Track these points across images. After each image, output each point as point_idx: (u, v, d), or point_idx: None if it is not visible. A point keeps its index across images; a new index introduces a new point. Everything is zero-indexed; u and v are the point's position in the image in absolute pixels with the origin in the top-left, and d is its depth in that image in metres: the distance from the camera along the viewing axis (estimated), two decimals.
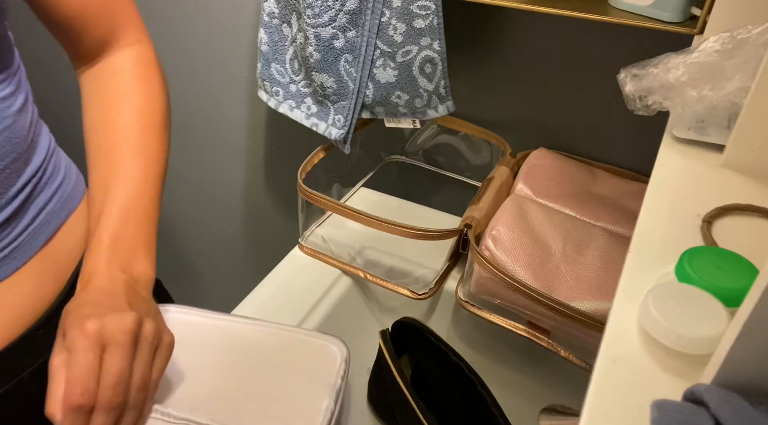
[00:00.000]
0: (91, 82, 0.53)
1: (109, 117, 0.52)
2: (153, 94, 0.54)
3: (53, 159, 0.53)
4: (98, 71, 0.53)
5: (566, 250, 0.70)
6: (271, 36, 0.84)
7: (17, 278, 0.49)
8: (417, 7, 0.72)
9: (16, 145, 0.47)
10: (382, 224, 0.73)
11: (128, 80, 0.53)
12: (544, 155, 0.85)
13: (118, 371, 0.40)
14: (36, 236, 0.50)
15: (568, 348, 0.69)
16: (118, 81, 0.53)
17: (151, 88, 0.54)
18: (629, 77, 0.49)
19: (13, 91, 0.48)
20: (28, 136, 0.49)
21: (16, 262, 0.48)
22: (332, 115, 0.84)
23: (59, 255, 0.52)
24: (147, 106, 0.53)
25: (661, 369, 0.31)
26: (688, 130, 0.50)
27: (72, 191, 0.55)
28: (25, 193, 0.49)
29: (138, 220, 0.50)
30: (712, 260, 0.35)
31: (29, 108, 0.51)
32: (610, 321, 0.34)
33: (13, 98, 0.48)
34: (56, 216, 0.52)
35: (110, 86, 0.53)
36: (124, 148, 0.51)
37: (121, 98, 0.52)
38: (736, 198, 0.43)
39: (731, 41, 0.46)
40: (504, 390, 0.82)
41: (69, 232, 0.53)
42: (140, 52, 0.55)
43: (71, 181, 0.55)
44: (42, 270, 0.51)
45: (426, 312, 0.88)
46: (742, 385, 0.25)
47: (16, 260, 0.48)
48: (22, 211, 0.48)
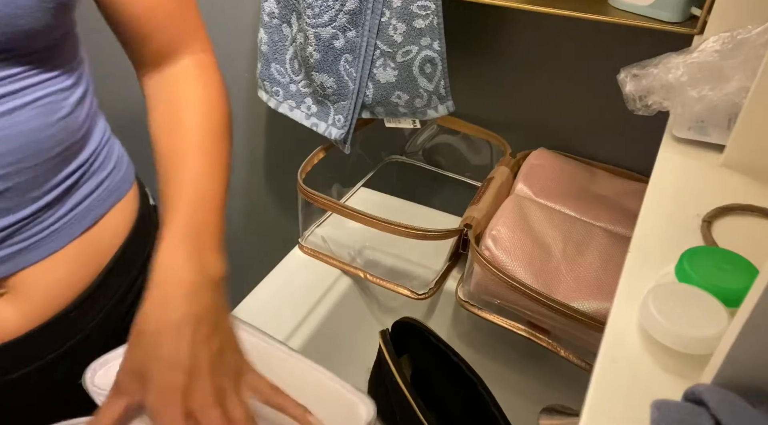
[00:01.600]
0: (156, 87, 0.55)
1: (176, 122, 0.54)
2: (215, 101, 0.56)
3: (105, 149, 0.55)
4: (163, 78, 0.55)
5: (566, 250, 0.70)
6: (271, 36, 0.84)
7: (54, 261, 0.50)
8: (417, 7, 0.72)
9: (70, 134, 0.49)
10: (382, 224, 0.73)
11: (193, 88, 0.55)
12: (544, 155, 0.85)
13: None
14: (77, 222, 0.52)
15: (568, 348, 0.69)
16: (183, 88, 0.55)
17: (213, 95, 0.56)
18: (629, 77, 0.49)
19: (72, 84, 0.50)
20: (83, 126, 0.51)
21: (55, 245, 0.50)
22: (332, 115, 0.84)
23: (99, 243, 0.54)
24: (210, 112, 0.55)
25: (661, 369, 0.31)
26: (688, 130, 0.50)
27: (120, 182, 0.56)
28: (73, 179, 0.51)
29: (209, 215, 0.50)
30: (712, 260, 0.35)
31: (87, 100, 0.53)
32: (610, 321, 0.34)
33: (72, 90, 0.50)
34: (101, 204, 0.54)
35: (176, 93, 0.55)
36: (191, 149, 0.53)
37: (187, 105, 0.54)
38: (736, 198, 0.43)
39: (731, 41, 0.46)
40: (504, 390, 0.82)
41: (112, 221, 0.55)
42: (204, 61, 0.57)
43: (120, 172, 0.57)
44: (79, 256, 0.52)
45: (426, 312, 0.88)
46: (742, 385, 0.25)
47: (55, 243, 0.50)
48: (68, 196, 0.51)
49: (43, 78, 0.47)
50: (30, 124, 0.46)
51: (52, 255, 0.50)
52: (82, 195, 0.52)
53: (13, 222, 0.46)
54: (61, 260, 0.51)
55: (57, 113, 0.48)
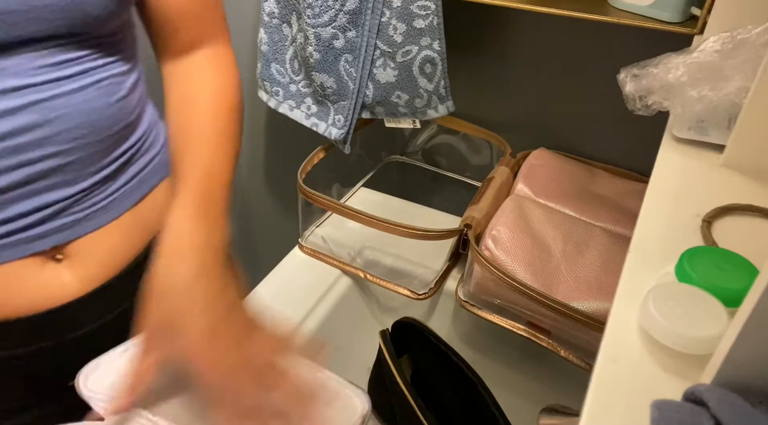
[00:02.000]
0: (174, 74, 0.60)
1: (190, 103, 0.59)
2: (228, 88, 0.60)
3: (154, 131, 0.61)
4: (182, 66, 0.60)
5: (566, 250, 0.70)
6: (271, 36, 0.84)
7: (108, 231, 0.55)
8: (417, 7, 0.72)
9: (126, 115, 0.54)
10: (382, 224, 0.73)
11: (209, 76, 0.60)
12: (544, 155, 0.85)
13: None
14: (129, 195, 0.57)
15: (568, 348, 0.69)
16: (199, 76, 0.60)
17: (226, 83, 0.60)
18: (629, 77, 0.49)
19: (129, 69, 0.55)
20: (136, 108, 0.56)
21: (109, 216, 0.55)
22: (332, 115, 0.84)
23: (149, 214, 0.59)
24: (222, 97, 0.59)
25: (661, 369, 0.31)
26: (688, 130, 0.50)
27: (166, 161, 0.61)
28: (127, 156, 0.56)
29: (216, 191, 0.54)
30: (712, 260, 0.35)
31: (140, 85, 0.58)
32: (610, 321, 0.34)
33: (129, 74, 0.55)
34: (150, 179, 0.59)
35: (193, 81, 0.59)
36: (203, 129, 0.57)
37: (201, 90, 0.59)
38: (736, 198, 0.43)
39: (731, 41, 0.46)
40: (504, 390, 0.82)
41: (158, 196, 0.60)
42: (224, 54, 0.62)
43: (167, 153, 0.62)
44: (132, 225, 0.57)
45: (426, 312, 0.88)
46: (742, 385, 0.25)
47: (109, 214, 0.55)
48: (121, 171, 0.55)
49: (105, 61, 0.52)
50: (92, 103, 0.50)
51: (106, 225, 0.55)
52: (134, 171, 0.57)
53: (73, 194, 0.51)
54: (114, 230, 0.55)
55: (115, 94, 0.53)
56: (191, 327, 0.45)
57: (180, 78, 0.60)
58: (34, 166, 0.47)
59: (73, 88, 0.49)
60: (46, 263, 0.51)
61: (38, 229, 0.50)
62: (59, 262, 0.52)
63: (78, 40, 0.48)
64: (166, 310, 0.46)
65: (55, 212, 0.50)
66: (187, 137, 0.57)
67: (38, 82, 0.46)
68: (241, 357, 0.46)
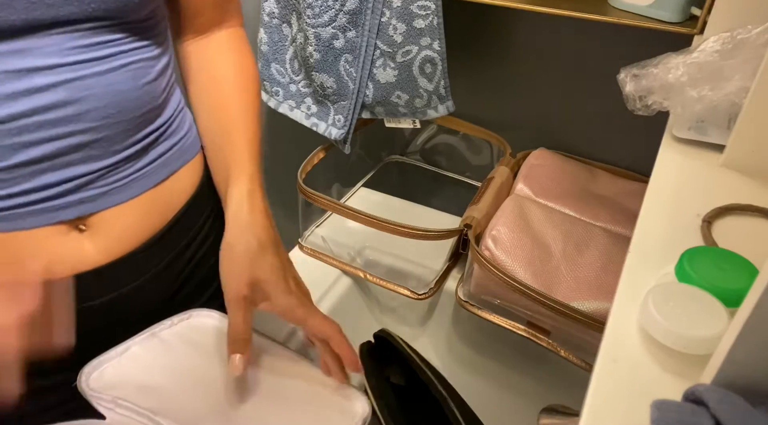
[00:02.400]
0: (197, 56, 0.65)
1: (220, 84, 0.64)
2: (250, 67, 0.67)
3: (180, 116, 0.63)
4: (203, 48, 0.64)
5: (566, 250, 0.70)
6: (271, 36, 0.84)
7: (129, 207, 0.57)
8: (417, 7, 0.72)
9: (153, 99, 0.57)
10: (382, 224, 0.73)
11: (231, 56, 0.66)
12: (544, 155, 0.85)
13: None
14: (153, 174, 0.59)
15: (568, 348, 0.69)
16: (223, 57, 0.65)
17: (248, 62, 0.67)
18: (629, 77, 0.49)
19: (158, 54, 0.57)
20: (163, 93, 0.58)
21: (131, 193, 0.57)
22: (332, 115, 0.84)
23: (169, 196, 0.62)
24: (246, 77, 0.66)
25: (661, 369, 0.31)
26: (688, 130, 0.50)
27: (190, 145, 0.64)
28: (152, 138, 0.58)
29: (260, 171, 0.63)
30: (712, 260, 0.35)
31: (169, 71, 0.60)
32: (610, 321, 0.34)
33: (158, 60, 0.57)
34: (173, 162, 0.61)
35: (217, 61, 0.65)
36: (236, 105, 0.64)
37: (227, 71, 0.65)
38: (736, 198, 0.43)
39: (731, 41, 0.46)
40: (504, 390, 0.82)
41: (181, 178, 0.63)
42: (240, 33, 0.67)
43: (190, 138, 0.64)
44: (152, 204, 0.60)
45: (426, 312, 0.88)
46: (742, 385, 0.25)
47: (131, 191, 0.57)
48: (145, 152, 0.58)
49: (136, 46, 0.54)
50: (121, 85, 0.53)
51: (128, 201, 0.57)
52: (157, 153, 0.59)
53: (98, 169, 0.53)
54: (134, 207, 0.58)
55: (144, 78, 0.55)
56: (281, 287, 0.56)
57: (202, 59, 0.64)
58: (63, 141, 0.50)
59: (104, 69, 0.51)
60: (70, 232, 0.54)
61: (64, 199, 0.52)
62: (82, 233, 0.55)
63: (111, 23, 0.51)
64: (253, 270, 0.55)
65: (80, 185, 0.53)
66: (224, 113, 0.63)
67: (71, 62, 0.49)
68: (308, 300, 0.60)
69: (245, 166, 0.62)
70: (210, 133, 0.65)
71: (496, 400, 0.83)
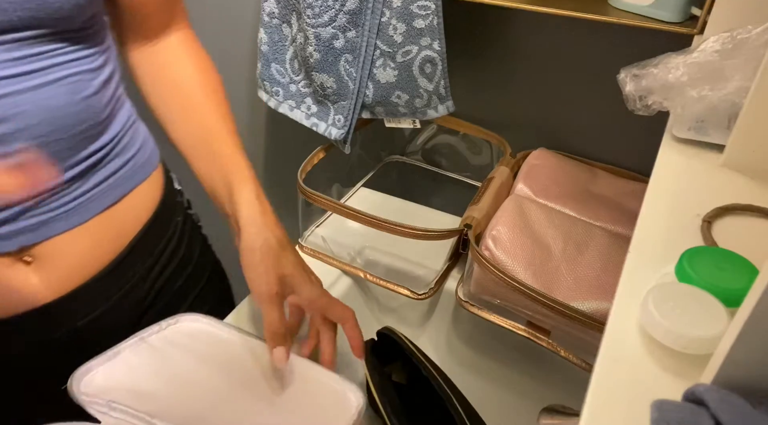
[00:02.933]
0: (151, 63, 0.61)
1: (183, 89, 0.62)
2: (210, 68, 0.64)
3: (130, 132, 0.59)
4: (156, 54, 0.61)
5: (566, 250, 0.70)
6: (271, 36, 0.84)
7: (78, 233, 0.53)
8: (417, 7, 0.72)
9: (95, 114, 0.52)
10: (382, 224, 0.73)
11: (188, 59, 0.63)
12: (544, 155, 0.85)
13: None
14: (101, 198, 0.55)
15: (568, 348, 0.69)
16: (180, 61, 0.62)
17: (206, 64, 0.64)
18: (629, 77, 0.49)
19: (99, 66, 0.53)
20: (106, 107, 0.54)
21: (79, 218, 0.53)
22: (332, 115, 0.84)
23: (122, 220, 0.57)
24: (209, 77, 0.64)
25: (661, 369, 0.31)
26: (688, 130, 0.50)
27: (145, 162, 0.60)
28: (97, 157, 0.54)
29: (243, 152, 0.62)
30: (712, 260, 0.35)
31: (113, 83, 0.56)
32: (610, 321, 0.34)
33: (99, 72, 0.53)
34: (126, 182, 0.57)
35: (175, 62, 0.62)
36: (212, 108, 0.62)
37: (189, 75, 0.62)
38: (736, 198, 0.43)
39: (731, 41, 0.46)
40: (504, 390, 0.82)
41: (137, 199, 0.59)
42: (191, 34, 0.65)
43: (146, 154, 0.61)
44: (103, 231, 0.55)
45: (426, 312, 0.88)
46: (742, 385, 0.25)
47: (79, 216, 0.53)
48: (92, 172, 0.53)
49: (71, 58, 0.50)
50: (55, 100, 0.48)
51: (76, 227, 0.53)
52: (106, 173, 0.55)
53: (36, 195, 0.49)
54: (84, 233, 0.54)
55: (82, 92, 0.51)
56: (304, 279, 0.58)
57: (157, 65, 0.61)
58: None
59: (35, 84, 0.47)
60: (14, 265, 0.50)
61: (2, 229, 0.48)
62: (28, 265, 0.51)
63: (42, 34, 0.46)
64: (277, 266, 0.56)
65: (19, 212, 0.48)
66: (201, 119, 0.61)
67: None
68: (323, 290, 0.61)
69: (245, 171, 0.61)
70: (191, 140, 0.61)
71: (496, 400, 0.82)
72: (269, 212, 0.60)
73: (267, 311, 0.55)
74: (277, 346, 0.55)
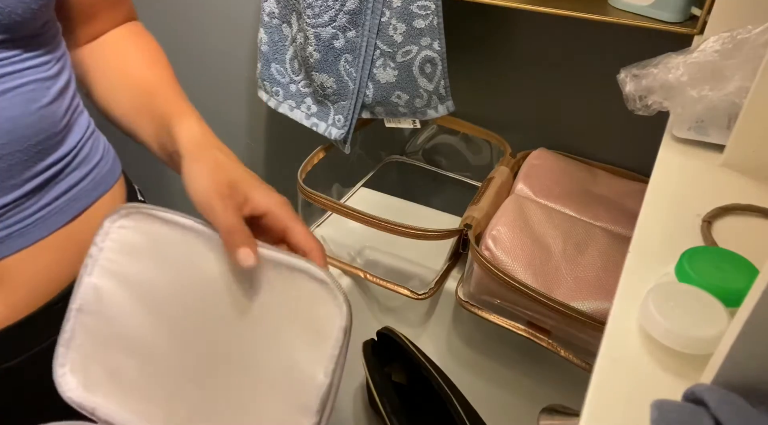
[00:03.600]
0: (95, 52, 0.58)
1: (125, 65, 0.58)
2: (153, 46, 0.60)
3: (89, 143, 0.56)
4: (101, 43, 0.58)
5: (566, 250, 0.70)
6: (271, 36, 0.84)
7: (38, 250, 0.50)
8: (417, 7, 0.72)
9: (51, 124, 0.49)
10: (382, 224, 0.73)
11: (132, 40, 0.60)
12: (544, 155, 0.85)
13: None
14: (61, 212, 0.52)
15: (568, 348, 0.69)
16: (122, 43, 0.59)
17: (151, 44, 0.61)
18: (629, 77, 0.49)
19: (54, 74, 0.50)
20: (64, 117, 0.51)
21: (38, 234, 0.50)
22: (332, 115, 0.84)
23: (84, 235, 0.53)
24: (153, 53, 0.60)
25: (661, 369, 0.31)
26: (688, 130, 0.50)
27: (107, 174, 0.57)
28: (55, 169, 0.51)
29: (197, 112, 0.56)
30: (712, 260, 0.35)
31: (69, 92, 0.53)
32: (610, 321, 0.34)
33: (54, 80, 0.50)
34: (87, 194, 0.54)
35: (115, 47, 0.58)
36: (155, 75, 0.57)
37: (130, 53, 0.59)
38: (736, 198, 0.43)
39: (731, 41, 0.46)
40: (504, 390, 0.82)
41: (100, 212, 0.55)
42: (137, 24, 0.62)
43: (107, 164, 0.58)
44: (64, 246, 0.52)
45: (426, 312, 0.88)
46: (742, 385, 0.25)
47: (39, 232, 0.50)
48: (50, 186, 0.50)
49: (25, 66, 0.47)
50: (9, 111, 0.46)
51: (36, 244, 0.50)
52: (65, 186, 0.52)
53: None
54: (45, 250, 0.51)
55: (38, 102, 0.48)
56: (260, 183, 0.49)
57: (98, 51, 0.58)
58: None
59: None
60: None
61: None
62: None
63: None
64: (227, 175, 0.47)
65: None
66: (142, 85, 0.56)
67: None
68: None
69: (186, 109, 0.53)
70: (134, 110, 0.56)
71: (496, 400, 0.82)
72: (213, 135, 0.52)
73: (217, 213, 0.45)
74: (239, 248, 0.44)
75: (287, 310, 0.47)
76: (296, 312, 0.47)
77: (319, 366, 0.45)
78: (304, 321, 0.46)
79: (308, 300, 0.46)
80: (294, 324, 0.47)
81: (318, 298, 0.46)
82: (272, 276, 0.47)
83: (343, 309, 0.45)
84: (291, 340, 0.47)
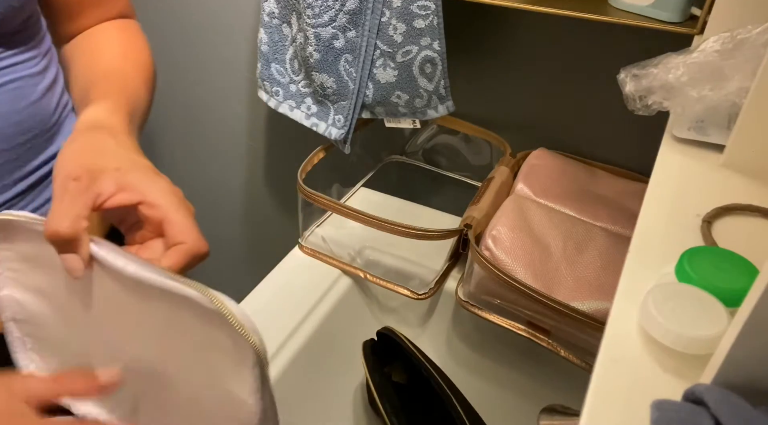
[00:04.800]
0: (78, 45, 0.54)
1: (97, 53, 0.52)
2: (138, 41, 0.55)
3: None
4: (83, 34, 0.55)
5: (566, 250, 0.70)
6: (271, 36, 0.84)
7: None
8: (417, 7, 0.72)
9: (40, 122, 0.48)
10: (382, 224, 0.73)
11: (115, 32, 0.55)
12: (544, 155, 0.85)
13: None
14: None
15: (568, 348, 0.69)
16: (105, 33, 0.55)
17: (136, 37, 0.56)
18: (629, 77, 0.49)
19: (42, 70, 0.49)
20: (53, 115, 0.50)
21: None
22: (332, 115, 0.84)
23: None
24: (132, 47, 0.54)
25: (661, 369, 0.31)
26: (688, 130, 0.50)
27: None
28: (45, 170, 0.49)
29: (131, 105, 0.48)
30: (712, 260, 0.35)
31: (58, 88, 0.51)
32: (610, 321, 0.34)
33: (42, 76, 0.49)
34: None
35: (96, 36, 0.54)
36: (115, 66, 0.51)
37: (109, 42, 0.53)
38: (736, 198, 0.43)
39: (731, 41, 0.46)
40: (504, 390, 0.82)
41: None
42: (128, 21, 0.58)
43: None
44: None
45: (426, 312, 0.88)
46: (742, 385, 0.25)
47: None
48: (41, 186, 0.49)
49: (10, 62, 0.46)
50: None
51: None
52: None
53: None
54: None
55: (26, 99, 0.47)
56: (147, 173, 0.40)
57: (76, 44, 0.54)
58: None
59: None
60: None
61: None
62: None
63: None
64: (97, 159, 0.39)
65: None
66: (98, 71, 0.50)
67: None
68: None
69: (110, 99, 0.46)
70: (77, 99, 0.50)
71: (496, 400, 0.83)
72: (120, 125, 0.43)
73: (55, 200, 0.38)
74: (63, 253, 0.37)
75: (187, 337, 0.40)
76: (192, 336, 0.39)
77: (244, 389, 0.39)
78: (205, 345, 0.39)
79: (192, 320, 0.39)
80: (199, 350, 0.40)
81: (200, 316, 0.39)
82: (154, 299, 0.39)
83: (227, 319, 0.38)
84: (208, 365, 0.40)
